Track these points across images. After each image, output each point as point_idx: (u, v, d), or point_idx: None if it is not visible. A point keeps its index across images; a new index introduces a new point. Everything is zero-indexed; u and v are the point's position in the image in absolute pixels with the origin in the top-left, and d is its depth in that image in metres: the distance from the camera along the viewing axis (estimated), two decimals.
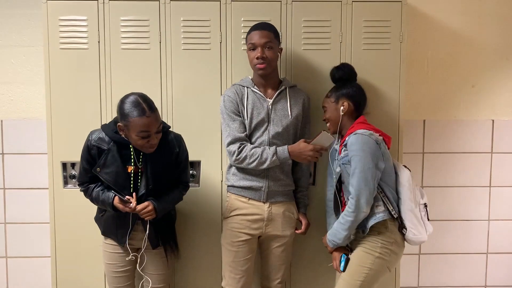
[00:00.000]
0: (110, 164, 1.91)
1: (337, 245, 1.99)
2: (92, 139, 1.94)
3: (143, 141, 1.84)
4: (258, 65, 2.04)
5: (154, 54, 2.30)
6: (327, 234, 2.03)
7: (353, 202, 1.88)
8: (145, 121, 1.79)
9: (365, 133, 1.93)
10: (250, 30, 2.09)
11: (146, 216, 1.91)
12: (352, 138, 1.93)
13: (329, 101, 2.10)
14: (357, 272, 1.95)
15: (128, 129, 1.84)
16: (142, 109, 1.80)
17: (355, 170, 1.88)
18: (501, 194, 2.83)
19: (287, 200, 2.15)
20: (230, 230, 2.11)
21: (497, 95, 2.79)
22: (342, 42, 2.33)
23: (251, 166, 2.03)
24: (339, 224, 1.96)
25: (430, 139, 2.79)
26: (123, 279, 2.10)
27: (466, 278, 2.87)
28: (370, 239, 1.96)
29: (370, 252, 1.95)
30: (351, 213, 1.90)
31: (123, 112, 1.83)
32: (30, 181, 2.71)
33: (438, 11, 2.71)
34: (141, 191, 1.93)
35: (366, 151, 1.89)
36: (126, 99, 1.84)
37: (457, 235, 2.84)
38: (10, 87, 2.69)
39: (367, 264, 1.94)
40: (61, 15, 2.27)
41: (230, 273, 2.11)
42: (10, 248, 2.75)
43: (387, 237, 1.96)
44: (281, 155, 2.01)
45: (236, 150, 2.03)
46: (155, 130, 1.84)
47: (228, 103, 2.09)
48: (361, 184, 1.87)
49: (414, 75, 2.73)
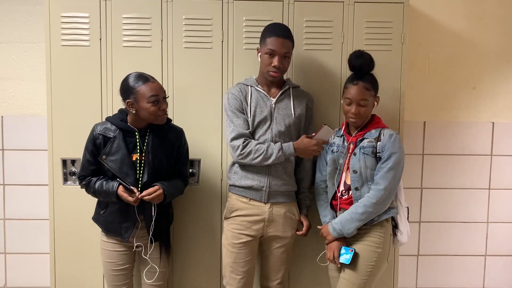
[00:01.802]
0: (115, 151, 1.96)
1: (342, 235, 1.97)
2: (97, 129, 2.01)
3: (155, 108, 1.92)
4: (272, 72, 2.04)
5: (156, 52, 2.30)
6: (333, 223, 1.99)
7: (379, 195, 1.91)
8: (152, 86, 1.93)
9: (398, 134, 1.99)
10: (271, 33, 2.03)
11: (155, 200, 1.94)
12: (392, 138, 1.95)
13: (371, 95, 1.99)
14: (363, 270, 1.94)
15: (137, 101, 1.92)
16: (145, 78, 1.94)
17: (390, 166, 1.92)
18: (500, 196, 2.83)
19: (289, 201, 2.14)
20: (231, 231, 2.11)
21: (497, 97, 2.79)
22: (344, 42, 2.33)
23: (255, 161, 2.02)
24: (354, 214, 1.93)
25: (430, 140, 2.79)
26: (122, 277, 2.10)
27: (464, 280, 2.88)
28: (373, 234, 1.96)
29: (375, 249, 1.95)
30: (374, 204, 1.91)
31: (128, 87, 1.93)
32: (30, 177, 2.71)
33: (440, 13, 2.71)
34: (144, 179, 1.97)
35: (402, 152, 1.97)
36: (128, 76, 1.96)
37: (456, 237, 2.84)
38: (11, 83, 2.69)
39: (372, 262, 1.94)
40: (63, 11, 2.27)
41: (230, 273, 2.10)
42: (9, 244, 2.75)
43: (388, 230, 2.00)
44: (286, 151, 2.01)
45: (240, 144, 2.02)
46: (162, 95, 1.96)
47: (232, 100, 2.09)
48: (393, 180, 1.93)
49: (415, 76, 2.73)
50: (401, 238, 2.06)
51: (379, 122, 2.05)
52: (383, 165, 1.94)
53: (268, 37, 2.03)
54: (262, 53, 2.06)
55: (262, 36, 2.08)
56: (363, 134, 2.01)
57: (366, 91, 1.97)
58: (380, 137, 1.97)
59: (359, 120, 2.00)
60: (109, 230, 2.06)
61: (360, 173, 1.97)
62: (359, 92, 1.96)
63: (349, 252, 1.94)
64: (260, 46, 2.09)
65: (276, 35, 2.02)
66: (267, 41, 2.03)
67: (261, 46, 2.08)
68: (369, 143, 1.97)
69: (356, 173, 1.97)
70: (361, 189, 1.97)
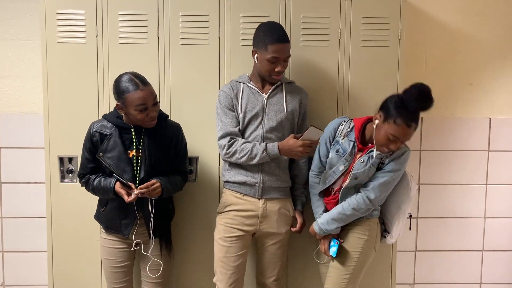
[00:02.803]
0: (112, 148, 1.97)
1: (327, 234, 2.02)
2: (94, 127, 2.02)
3: (142, 115, 1.91)
4: (275, 76, 2.05)
5: (152, 49, 2.29)
6: (319, 223, 2.03)
7: (368, 204, 1.96)
8: (140, 95, 1.88)
9: (409, 151, 1.98)
10: (271, 39, 1.98)
11: (152, 193, 1.94)
12: (403, 157, 1.95)
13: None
14: (349, 258, 2.00)
15: (126, 106, 1.91)
16: (135, 84, 1.89)
17: (387, 180, 1.95)
18: (497, 192, 2.84)
19: (283, 197, 2.13)
20: (223, 225, 2.11)
21: (494, 93, 2.79)
22: (341, 38, 2.33)
23: (240, 161, 2.03)
24: (341, 215, 1.98)
25: (427, 136, 2.79)
26: (121, 274, 2.10)
27: (462, 275, 2.89)
28: (359, 223, 2.02)
29: (360, 236, 2.00)
30: (362, 210, 1.97)
31: (118, 90, 1.92)
32: (27, 175, 2.70)
33: (437, 9, 2.71)
34: (142, 175, 1.98)
35: (403, 170, 2.01)
36: (120, 79, 1.93)
37: (453, 232, 2.85)
38: (7, 81, 2.67)
39: (358, 248, 2.00)
40: (59, 8, 2.26)
41: (221, 268, 2.10)
42: (7, 243, 2.74)
43: (374, 220, 2.05)
44: (270, 151, 2.01)
45: (226, 144, 2.03)
46: (151, 103, 1.92)
47: (223, 98, 2.09)
48: (384, 194, 1.98)
49: (412, 72, 2.72)
50: (389, 240, 2.13)
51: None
52: (381, 175, 1.95)
53: (269, 43, 1.98)
54: (263, 58, 2.01)
55: (261, 40, 2.01)
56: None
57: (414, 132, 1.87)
58: (394, 152, 1.95)
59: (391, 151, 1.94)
60: (110, 227, 2.06)
61: (359, 180, 1.98)
62: (410, 135, 1.85)
63: (335, 245, 2.00)
64: (258, 49, 2.03)
65: (278, 41, 1.99)
66: (269, 48, 1.98)
67: (260, 51, 2.01)
68: (378, 155, 1.93)
69: (356, 179, 1.98)
70: (350, 193, 2.01)
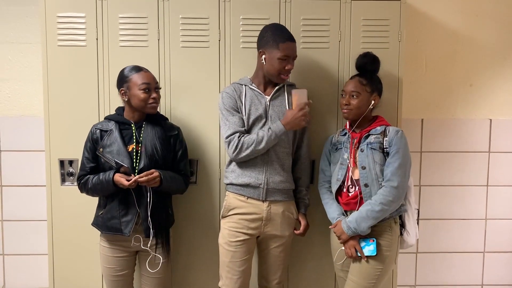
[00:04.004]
0: (111, 143, 2.01)
1: (356, 234, 1.93)
2: (95, 125, 2.09)
3: (145, 95, 1.99)
4: (284, 76, 2.07)
5: (153, 52, 2.29)
6: (348, 221, 1.93)
7: (395, 193, 1.90)
8: (144, 75, 2.02)
9: (402, 132, 2.00)
10: (282, 38, 2.02)
11: (151, 182, 1.95)
12: (399, 134, 1.96)
13: (365, 90, 2.02)
14: (372, 273, 1.93)
15: (129, 88, 2.01)
16: (139, 68, 2.05)
17: (400, 162, 1.91)
18: (498, 193, 2.84)
19: (287, 199, 2.13)
20: (228, 229, 2.10)
21: (495, 94, 2.80)
22: (341, 40, 2.33)
23: (249, 150, 2.00)
24: (371, 212, 1.89)
25: (428, 138, 2.79)
26: (121, 282, 2.10)
27: (463, 277, 2.89)
28: (382, 237, 1.95)
29: (384, 252, 1.94)
30: (391, 202, 1.90)
31: (123, 76, 2.03)
32: (27, 178, 2.70)
33: (437, 11, 2.72)
34: (141, 166, 1.99)
35: (408, 149, 1.98)
36: (124, 68, 2.06)
37: (455, 234, 2.85)
38: (7, 84, 2.68)
39: (381, 265, 1.93)
40: (59, 11, 2.26)
41: (227, 273, 2.09)
42: (7, 246, 2.74)
43: (396, 232, 1.99)
44: (275, 128, 2.01)
45: (236, 139, 2.02)
46: (154, 85, 2.03)
47: (226, 99, 2.09)
48: (404, 178, 1.92)
49: (413, 74, 2.73)
50: (408, 239, 2.04)
51: (382, 121, 2.06)
52: (392, 160, 1.93)
53: (281, 42, 2.01)
54: (273, 57, 2.03)
55: (270, 40, 2.03)
56: (368, 130, 2.02)
57: (360, 85, 2.02)
58: (386, 132, 1.98)
59: (350, 112, 2.03)
60: (110, 229, 2.03)
61: (369, 169, 1.95)
62: (352, 84, 2.03)
63: (371, 243, 1.92)
64: (267, 49, 2.04)
65: (289, 39, 2.03)
66: (280, 47, 2.01)
67: (270, 50, 2.03)
68: (375, 139, 1.98)
69: (364, 169, 1.96)
70: (371, 186, 1.95)
